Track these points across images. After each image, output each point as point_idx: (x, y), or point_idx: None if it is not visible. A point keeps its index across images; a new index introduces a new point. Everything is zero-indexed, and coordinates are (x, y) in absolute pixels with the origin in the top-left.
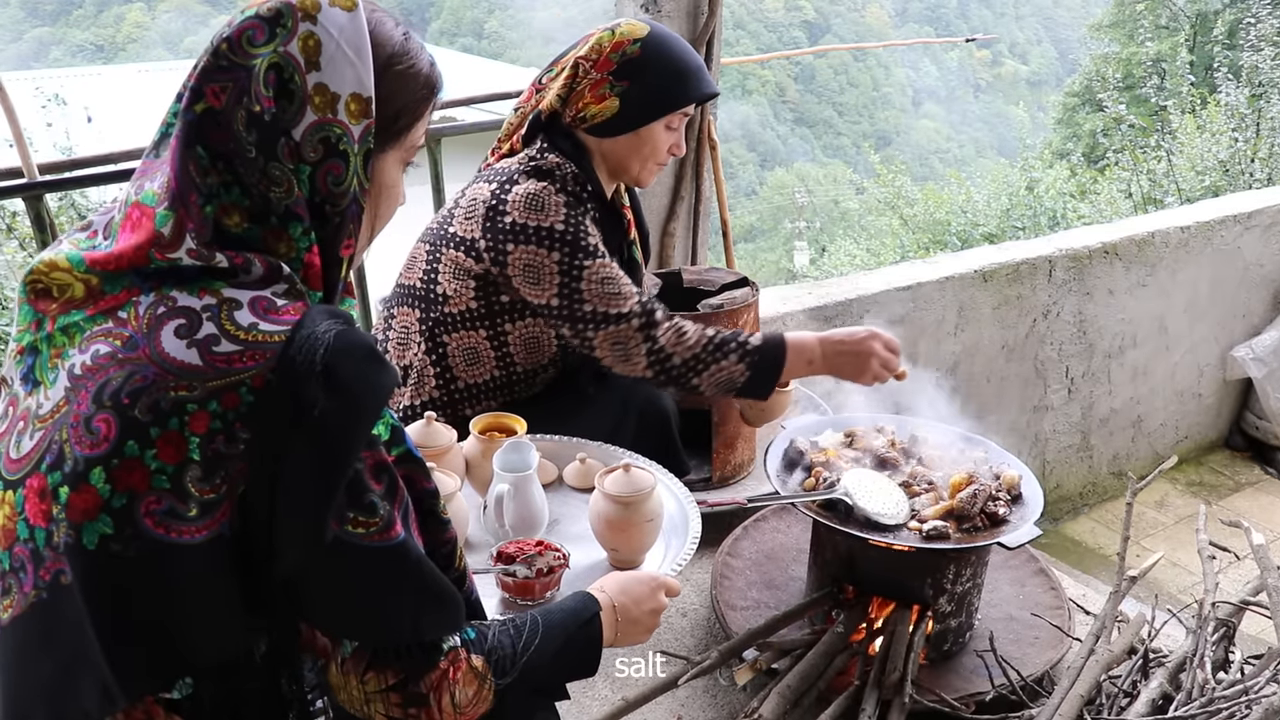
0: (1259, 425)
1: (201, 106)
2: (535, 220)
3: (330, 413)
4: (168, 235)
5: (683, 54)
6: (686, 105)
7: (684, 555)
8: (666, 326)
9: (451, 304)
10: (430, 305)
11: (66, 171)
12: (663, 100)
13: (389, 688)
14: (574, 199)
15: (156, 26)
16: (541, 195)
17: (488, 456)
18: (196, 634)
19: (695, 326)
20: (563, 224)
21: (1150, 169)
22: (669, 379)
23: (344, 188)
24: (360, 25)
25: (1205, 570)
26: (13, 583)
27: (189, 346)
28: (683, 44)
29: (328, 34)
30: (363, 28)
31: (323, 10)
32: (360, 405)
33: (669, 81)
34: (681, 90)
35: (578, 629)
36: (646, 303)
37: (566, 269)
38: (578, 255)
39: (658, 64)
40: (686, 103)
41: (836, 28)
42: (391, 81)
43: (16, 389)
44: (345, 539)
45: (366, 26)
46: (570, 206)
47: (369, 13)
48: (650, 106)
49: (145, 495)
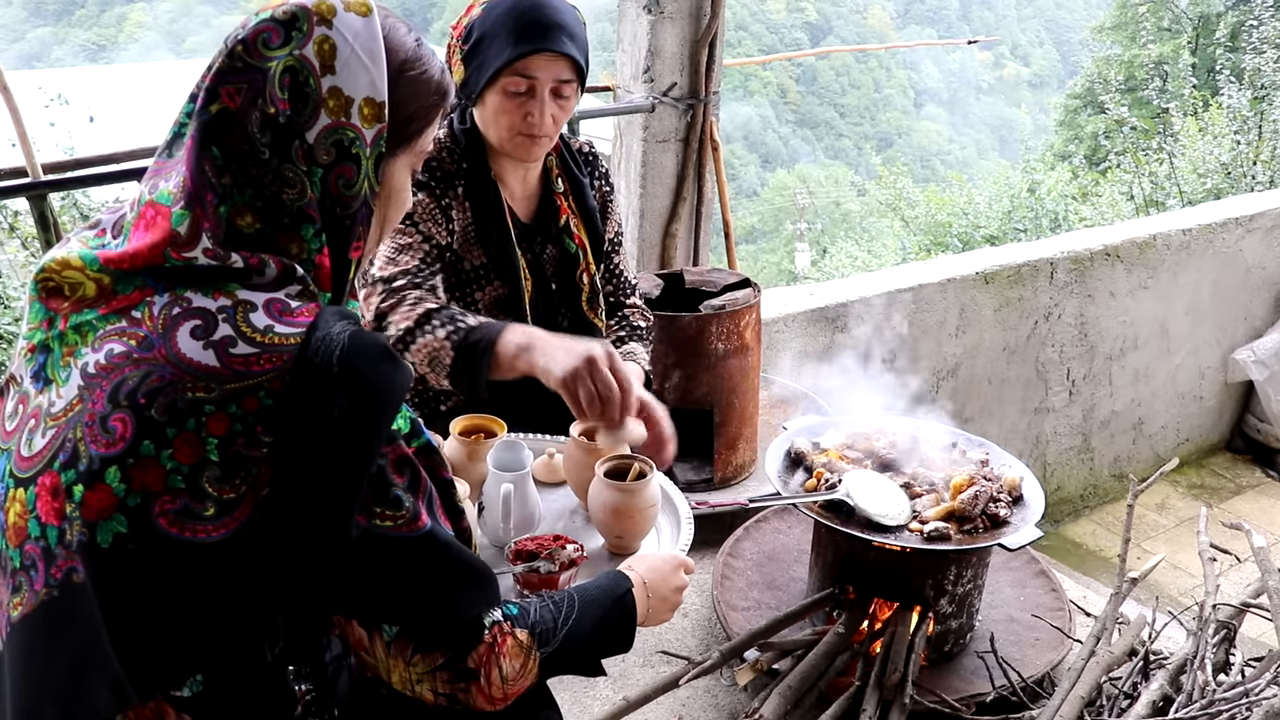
0: (1260, 428)
1: (216, 107)
2: None
3: (350, 413)
4: (184, 234)
5: (520, 12)
6: (509, 65)
7: (685, 538)
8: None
9: None
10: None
11: (70, 171)
12: (488, 60)
13: (438, 667)
14: (432, 174)
15: (158, 26)
16: None
17: (473, 458)
18: (209, 632)
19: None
20: None
21: (1152, 171)
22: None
23: (355, 191)
24: (375, 31)
25: (1206, 572)
26: (23, 581)
27: (205, 348)
28: (528, 3)
29: (343, 38)
30: (377, 33)
31: (338, 15)
32: (379, 403)
33: (494, 40)
34: (504, 49)
35: (613, 604)
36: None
37: None
38: None
39: (488, 26)
40: (508, 61)
41: (838, 29)
42: (404, 87)
43: (27, 387)
44: (375, 532)
45: (381, 32)
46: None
47: (383, 18)
48: (481, 68)
49: (160, 495)
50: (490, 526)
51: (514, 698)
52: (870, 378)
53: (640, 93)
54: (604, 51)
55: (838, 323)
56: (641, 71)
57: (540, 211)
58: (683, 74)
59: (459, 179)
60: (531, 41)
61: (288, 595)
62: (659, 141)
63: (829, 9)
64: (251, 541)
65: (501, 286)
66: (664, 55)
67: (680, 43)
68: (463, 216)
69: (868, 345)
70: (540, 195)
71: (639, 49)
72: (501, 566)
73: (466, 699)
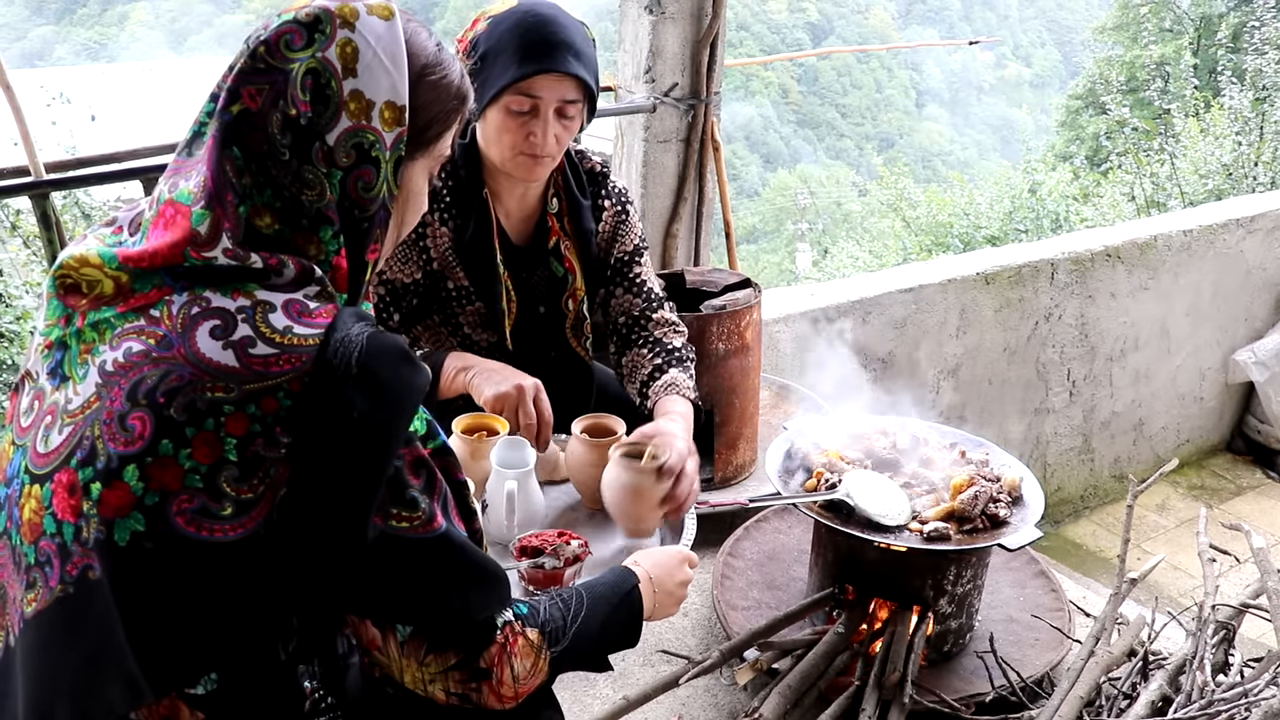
0: (1260, 429)
1: (238, 108)
2: None
3: (368, 414)
4: (204, 234)
5: (527, 30)
6: (515, 84)
7: (689, 535)
8: None
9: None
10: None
11: (72, 170)
12: (491, 79)
13: (451, 667)
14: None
15: (160, 25)
16: None
17: (475, 457)
18: (225, 631)
19: None
20: None
21: (1153, 172)
22: None
23: (374, 193)
24: (397, 34)
25: (1205, 573)
26: (37, 577)
27: (225, 348)
28: (534, 22)
29: (365, 42)
30: (399, 37)
31: (361, 18)
32: (397, 405)
33: (499, 59)
34: (509, 69)
35: (620, 600)
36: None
37: None
38: None
39: (493, 42)
40: (513, 80)
41: (840, 30)
42: (425, 91)
43: (43, 383)
44: (391, 533)
45: (403, 36)
46: None
47: (405, 22)
48: (484, 86)
49: (178, 494)
50: (494, 523)
51: (525, 696)
52: (871, 378)
53: (641, 93)
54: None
55: (839, 323)
56: (643, 72)
57: (536, 232)
58: (684, 74)
59: (439, 200)
60: (537, 61)
61: (303, 595)
62: (660, 142)
63: (830, 9)
64: (268, 541)
65: (484, 307)
66: (665, 55)
67: (682, 43)
68: (440, 242)
69: (868, 345)
70: (538, 216)
71: (640, 49)
72: (507, 562)
73: (479, 698)
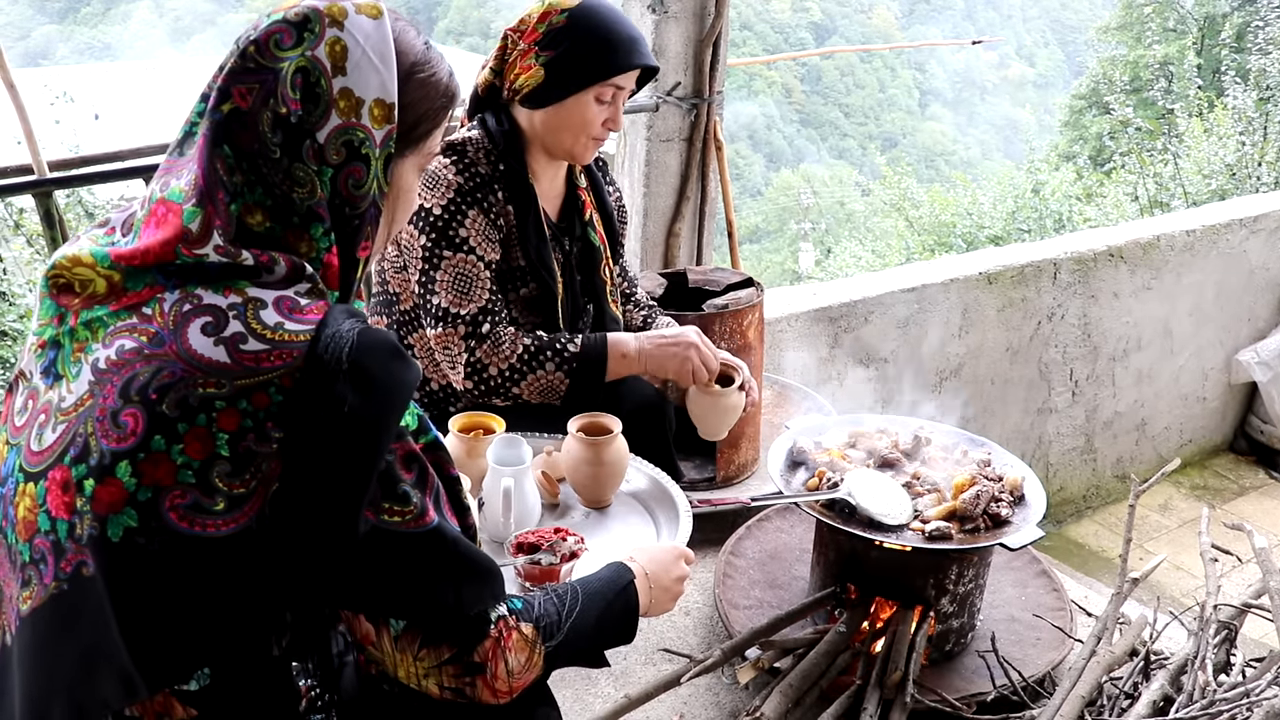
0: (1263, 429)
1: (228, 107)
2: (421, 199)
3: (359, 409)
4: (195, 231)
5: (612, 25)
6: (613, 76)
7: (685, 532)
8: (489, 338)
9: (403, 301)
10: (389, 307)
11: (75, 169)
12: (587, 70)
13: (445, 661)
14: (471, 178)
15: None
16: (438, 172)
17: (472, 455)
18: (218, 626)
19: (513, 334)
20: (440, 208)
21: (1157, 172)
22: (489, 389)
23: (364, 191)
24: (385, 33)
25: (1207, 573)
26: (33, 574)
27: (216, 344)
28: (615, 16)
29: (354, 40)
30: (388, 35)
31: (349, 17)
32: (388, 400)
33: (594, 51)
34: (607, 60)
35: (615, 595)
36: (480, 313)
37: (429, 255)
38: (441, 243)
39: (583, 33)
40: (613, 73)
41: (843, 29)
42: (413, 89)
43: (36, 382)
44: (383, 528)
45: (391, 34)
46: (459, 191)
47: (393, 21)
48: (575, 76)
49: (170, 490)
50: (490, 521)
51: (519, 691)
52: (873, 377)
53: (644, 92)
54: None
55: (841, 322)
56: None
57: (565, 208)
58: (687, 73)
59: (496, 183)
60: (630, 55)
61: (296, 590)
62: (663, 141)
63: (834, 9)
64: (261, 537)
65: (537, 287)
66: (668, 55)
67: (684, 42)
68: (507, 222)
69: (870, 345)
70: (565, 192)
71: None
72: (503, 559)
73: (473, 693)
